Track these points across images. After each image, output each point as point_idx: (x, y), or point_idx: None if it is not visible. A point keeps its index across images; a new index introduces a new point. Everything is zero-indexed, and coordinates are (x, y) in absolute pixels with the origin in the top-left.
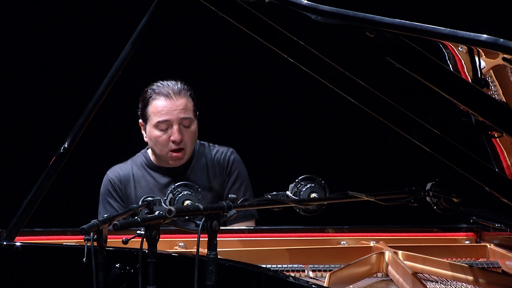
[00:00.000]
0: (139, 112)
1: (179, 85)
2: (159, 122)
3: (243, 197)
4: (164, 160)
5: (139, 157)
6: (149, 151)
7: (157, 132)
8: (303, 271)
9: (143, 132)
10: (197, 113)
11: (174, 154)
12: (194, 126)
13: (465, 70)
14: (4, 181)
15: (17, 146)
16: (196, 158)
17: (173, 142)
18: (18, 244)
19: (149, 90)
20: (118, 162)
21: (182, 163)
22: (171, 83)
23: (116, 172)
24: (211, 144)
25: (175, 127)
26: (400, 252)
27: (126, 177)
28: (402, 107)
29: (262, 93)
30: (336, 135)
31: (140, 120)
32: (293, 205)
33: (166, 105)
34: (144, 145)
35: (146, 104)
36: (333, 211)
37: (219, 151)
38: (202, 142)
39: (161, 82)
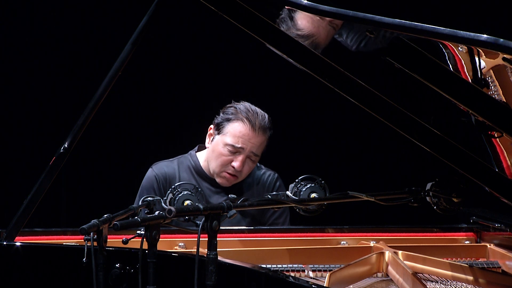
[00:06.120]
0: (216, 120)
1: (266, 121)
2: (231, 144)
3: (284, 221)
4: (213, 173)
5: (186, 159)
6: (199, 156)
7: (223, 151)
8: (303, 271)
9: (208, 137)
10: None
11: (228, 175)
12: (256, 162)
13: (465, 70)
14: (4, 181)
15: (17, 146)
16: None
17: (233, 167)
18: (18, 244)
19: (237, 107)
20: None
21: (228, 185)
22: (260, 115)
23: (162, 168)
24: (257, 164)
25: (242, 157)
26: (400, 252)
27: (171, 176)
28: (402, 107)
29: (261, 93)
30: (336, 135)
31: (212, 126)
32: (293, 205)
33: (246, 134)
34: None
35: (228, 119)
36: (333, 211)
37: (265, 173)
38: None
39: (251, 107)
